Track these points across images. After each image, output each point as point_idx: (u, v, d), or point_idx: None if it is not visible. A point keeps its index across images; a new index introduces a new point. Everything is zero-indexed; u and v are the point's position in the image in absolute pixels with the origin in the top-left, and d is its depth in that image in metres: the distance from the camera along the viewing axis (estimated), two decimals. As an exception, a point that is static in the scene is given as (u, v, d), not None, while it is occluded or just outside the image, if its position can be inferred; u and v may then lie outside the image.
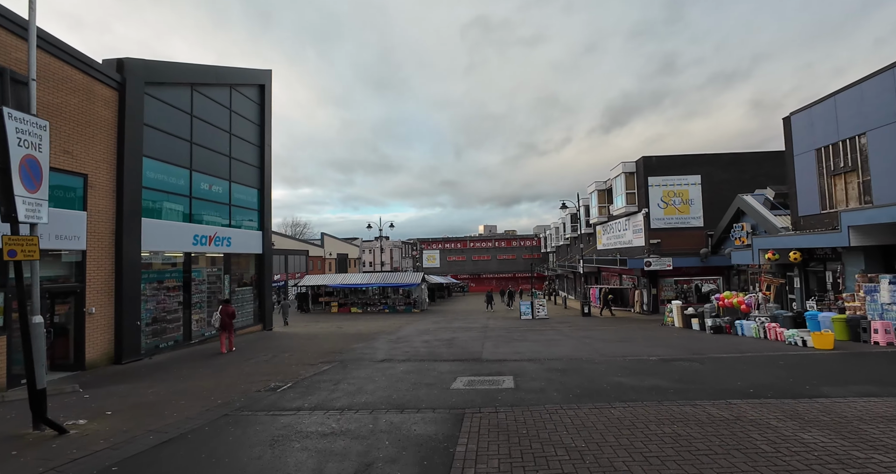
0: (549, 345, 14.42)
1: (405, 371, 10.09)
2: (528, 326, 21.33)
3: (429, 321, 25.55)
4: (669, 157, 27.57)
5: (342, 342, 16.25)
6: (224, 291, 18.21)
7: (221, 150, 18.18)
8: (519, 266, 64.87)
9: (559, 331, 18.64)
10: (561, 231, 49.05)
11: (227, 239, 18.04)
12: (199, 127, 16.95)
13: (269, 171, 21.24)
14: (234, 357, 13.40)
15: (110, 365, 12.89)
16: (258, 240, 20.28)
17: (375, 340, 16.55)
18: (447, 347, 14.11)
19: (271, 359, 12.57)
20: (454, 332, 18.77)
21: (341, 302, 33.47)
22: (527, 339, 15.97)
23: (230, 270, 18.55)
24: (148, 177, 14.53)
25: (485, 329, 20.26)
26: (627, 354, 11.98)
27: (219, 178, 17.93)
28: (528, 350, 13.27)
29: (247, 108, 20.09)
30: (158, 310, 15.24)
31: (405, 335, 18.13)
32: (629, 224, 29.58)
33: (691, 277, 27.43)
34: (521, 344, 14.75)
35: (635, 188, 28.20)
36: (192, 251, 16.32)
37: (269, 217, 21.10)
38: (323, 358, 12.35)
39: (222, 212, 18.13)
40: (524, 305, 26.46)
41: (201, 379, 10.21)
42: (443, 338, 16.85)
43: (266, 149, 21.10)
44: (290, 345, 15.46)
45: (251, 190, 20.11)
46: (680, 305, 19.81)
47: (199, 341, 16.43)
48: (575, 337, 16.57)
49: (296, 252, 54.69)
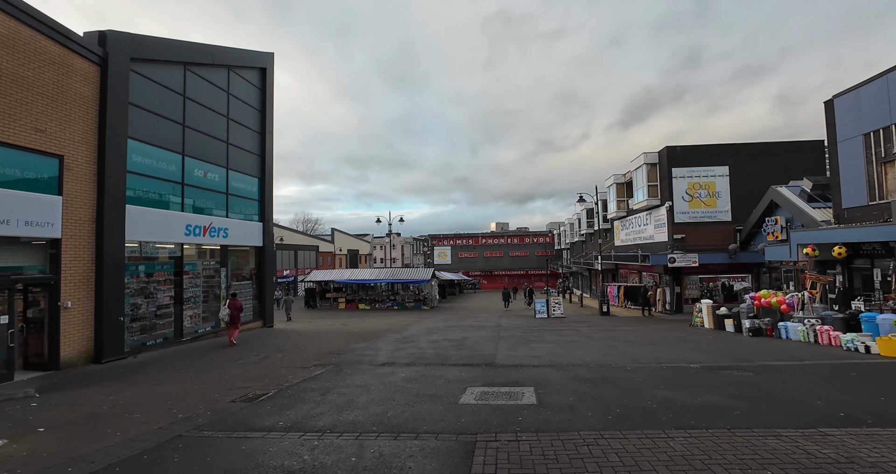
0: (570, 347, 12.86)
1: (407, 378, 8.63)
2: (543, 326, 19.76)
3: (438, 319, 24.10)
4: (695, 147, 25.69)
5: (343, 341, 14.87)
6: (221, 286, 16.96)
7: (218, 136, 16.89)
8: (532, 263, 63.06)
9: (578, 332, 17.04)
10: (576, 227, 47.17)
11: (223, 230, 16.77)
12: (193, 109, 15.66)
13: (270, 160, 19.94)
14: (225, 356, 12.09)
15: (89, 365, 11.65)
16: (258, 232, 18.99)
17: (379, 339, 15.14)
18: (457, 349, 12.63)
19: (262, 361, 11.22)
20: (465, 332, 17.29)
21: (349, 298, 32.17)
22: (544, 341, 14.42)
23: (228, 263, 17.28)
24: (134, 160, 13.26)
25: (498, 328, 18.74)
26: (662, 360, 10.38)
27: (215, 165, 16.65)
28: (547, 353, 11.73)
29: (246, 91, 18.79)
30: (147, 305, 14.01)
31: (412, 334, 16.70)
32: (650, 218, 27.77)
33: (718, 275, 25.56)
34: (538, 346, 13.21)
35: (658, 180, 26.37)
36: (184, 242, 15.06)
37: (270, 208, 19.80)
38: (318, 360, 10.97)
39: (219, 202, 16.85)
40: (539, 303, 24.85)
41: (177, 383, 8.88)
42: (452, 337, 15.38)
43: (267, 137, 19.79)
44: (287, 344, 14.12)
45: (251, 178, 18.82)
46: (711, 305, 18.06)
47: (191, 338, 15.19)
48: (597, 338, 14.97)
49: (305, 247, 53.67)
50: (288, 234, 49.80)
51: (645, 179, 26.64)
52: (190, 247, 15.74)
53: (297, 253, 51.78)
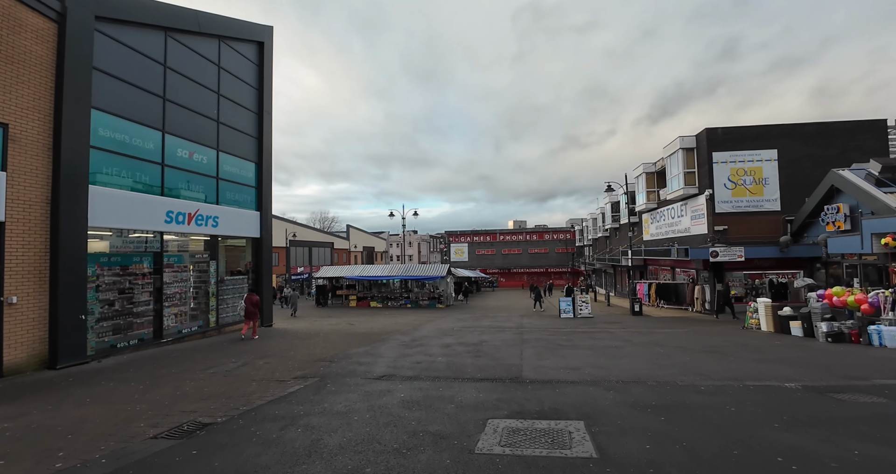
0: (611, 355, 10.42)
1: (406, 400, 6.37)
2: (571, 327, 17.30)
3: (453, 318, 21.81)
4: (739, 129, 22.82)
5: (342, 344, 12.70)
6: (210, 281, 14.99)
7: (206, 113, 14.91)
8: (552, 260, 60.19)
9: (614, 335, 14.55)
10: (599, 222, 44.28)
11: (213, 218, 14.78)
12: (176, 82, 13.69)
13: (269, 143, 17.93)
14: (198, 362, 10.01)
15: (42, 371, 9.70)
16: (254, 222, 16.99)
17: (384, 342, 12.93)
18: (473, 356, 10.32)
19: (236, 369, 9.09)
20: (483, 334, 14.97)
21: (360, 295, 30.11)
22: (577, 346, 12.01)
23: (219, 256, 15.30)
24: (100, 135, 11.31)
25: (520, 330, 16.36)
26: (742, 376, 7.90)
27: (203, 146, 14.66)
28: (585, 363, 9.33)
29: (241, 67, 16.79)
30: (121, 302, 12.09)
31: (422, 336, 14.45)
32: (686, 209, 24.98)
33: (764, 271, 22.69)
34: (572, 353, 10.81)
35: (695, 166, 23.58)
36: (165, 231, 13.09)
37: (268, 196, 17.79)
38: (302, 370, 8.79)
39: (207, 187, 14.87)
40: (564, 302, 22.35)
41: (113, 401, 6.80)
42: (468, 341, 13.08)
43: (265, 118, 17.78)
44: (277, 348, 12.01)
45: (246, 163, 16.82)
46: (771, 304, 15.34)
47: (173, 339, 13.22)
48: (640, 343, 12.49)
49: (320, 244, 51.98)
50: (302, 231, 48.16)
51: (681, 166, 23.88)
52: (174, 237, 13.81)
53: (311, 250, 50.12)
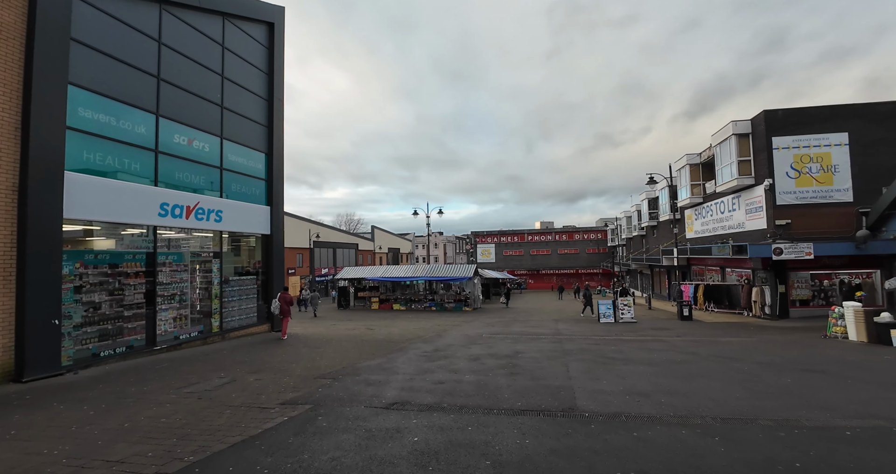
0: (682, 374, 8.20)
1: (418, 452, 4.40)
2: (615, 334, 15.02)
3: (481, 322, 19.78)
4: (802, 110, 20.00)
5: (354, 354, 10.87)
6: (213, 281, 13.46)
7: (209, 97, 13.41)
8: (582, 261, 57.16)
9: (671, 345, 12.24)
10: (634, 220, 41.35)
11: (215, 212, 13.25)
12: (173, 60, 12.21)
13: (280, 132, 16.36)
14: (178, 377, 8.33)
15: (6, 384, 8.25)
16: (264, 218, 15.42)
17: (402, 353, 11.03)
18: (508, 374, 8.28)
19: (216, 389, 7.34)
20: (516, 342, 12.90)
21: (383, 297, 28.39)
22: (632, 359, 9.80)
23: (222, 254, 13.76)
24: (80, 115, 9.84)
25: (558, 337, 14.20)
26: (883, 410, 5.63)
27: (204, 133, 13.16)
28: (653, 386, 7.18)
29: (249, 49, 15.28)
30: (108, 305, 10.62)
31: (447, 344, 12.49)
32: (739, 202, 22.24)
33: (834, 270, 19.79)
34: (630, 370, 8.64)
35: (751, 154, 20.85)
36: (159, 225, 11.58)
37: (280, 189, 16.21)
38: (295, 392, 6.96)
39: (209, 178, 13.36)
40: (603, 305, 20.01)
41: (35, 436, 5.10)
42: (500, 351, 11.04)
43: (276, 105, 16.23)
44: (276, 360, 10.26)
45: (255, 153, 15.28)
46: (862, 309, 12.71)
47: (169, 346, 11.69)
48: (708, 356, 10.18)
49: (344, 245, 50.77)
50: (326, 232, 47.01)
51: (734, 154, 21.17)
52: (172, 233, 12.33)
53: (335, 251, 48.95)
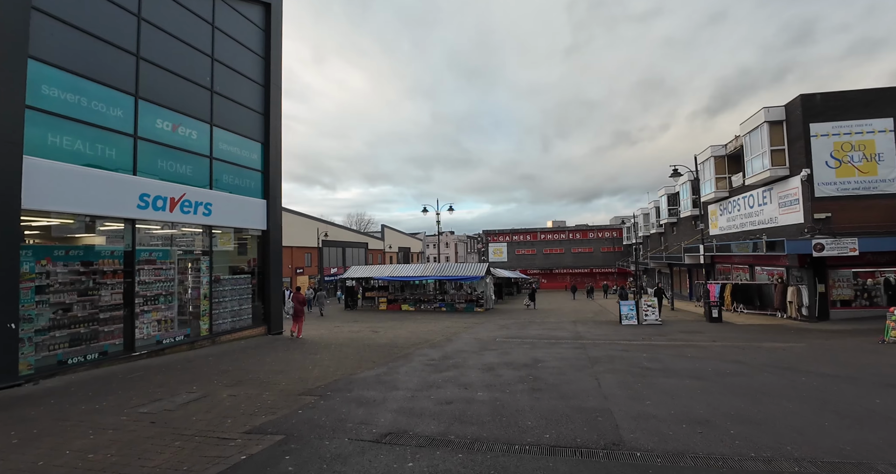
0: (744, 393, 6.70)
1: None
2: (642, 338, 13.50)
3: (494, 325, 18.37)
4: (842, 94, 18.22)
5: (353, 361, 9.55)
6: (202, 280, 12.27)
7: (196, 80, 12.22)
8: (597, 260, 55.27)
9: (712, 352, 10.70)
10: (652, 217, 39.49)
11: (203, 205, 12.05)
12: (154, 37, 11.03)
13: (277, 121, 15.14)
14: (146, 390, 7.08)
15: (-50, 399, 7.09)
16: (260, 212, 14.20)
17: (407, 361, 9.67)
18: (530, 390, 6.88)
19: (179, 408, 6.05)
20: (534, 348, 11.47)
21: (391, 298, 27.10)
22: (673, 370, 8.31)
23: (212, 251, 12.57)
24: (42, 93, 8.67)
25: (579, 341, 12.74)
26: None
27: (191, 118, 11.96)
28: (712, 408, 5.72)
29: (243, 30, 14.07)
30: (79, 307, 9.46)
31: (457, 350, 11.11)
32: (771, 195, 20.50)
33: (879, 268, 18.01)
34: (674, 385, 7.17)
35: (785, 143, 19.12)
36: (138, 218, 10.40)
37: (277, 182, 14.99)
38: (270, 415, 5.64)
39: (197, 168, 12.16)
40: (626, 306, 18.46)
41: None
42: (517, 359, 9.62)
43: (273, 92, 15.01)
44: (264, 368, 8.96)
45: (250, 142, 14.06)
46: (933, 311, 11.04)
47: (150, 352, 10.49)
48: (761, 366, 8.63)
49: (354, 244, 49.67)
50: (334, 230, 45.94)
51: (766, 143, 19.45)
52: (156, 228, 11.16)
53: (344, 250, 47.87)
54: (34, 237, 8.97)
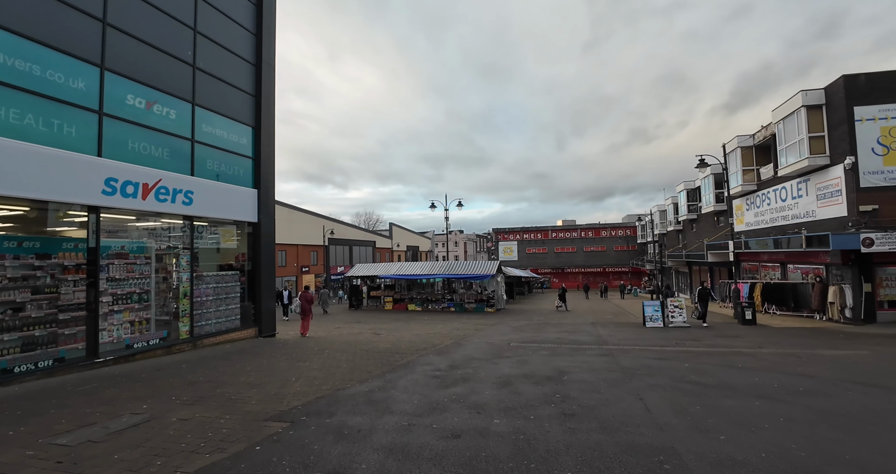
0: (844, 421, 5.07)
1: None
2: (674, 342, 11.87)
3: (507, 326, 16.83)
4: (890, 75, 16.31)
5: (345, 372, 8.09)
6: (181, 277, 10.90)
7: (176, 53, 10.86)
8: (610, 259, 53.36)
9: (762, 359, 9.06)
10: (670, 214, 37.57)
11: (183, 192, 10.69)
12: (125, 2, 9.69)
13: (270, 104, 13.75)
14: (87, 409, 5.68)
15: None
16: (249, 202, 12.82)
17: (408, 371, 8.19)
18: (560, 415, 5.34)
19: (107, 439, 4.62)
20: (555, 355, 9.92)
21: (397, 297, 25.65)
22: (731, 386, 6.71)
23: (193, 244, 11.21)
24: (-19, 57, 7.37)
25: (605, 346, 11.15)
26: None
27: (169, 95, 10.61)
28: (818, 451, 4.11)
29: (231, 2, 12.70)
30: (33, 307, 8.17)
31: (467, 358, 9.61)
32: (808, 187, 18.69)
33: (933, 266, 16.14)
34: (742, 407, 5.58)
35: (825, 129, 17.32)
36: (103, 205, 9.05)
37: (270, 171, 13.61)
38: (216, 455, 4.16)
39: (177, 151, 10.80)
40: (651, 307, 16.80)
41: None
42: (539, 371, 8.09)
43: (266, 71, 13.62)
44: (240, 379, 7.54)
45: (238, 126, 12.69)
46: None
47: (117, 358, 9.15)
48: (841, 383, 6.98)
49: (361, 243, 48.37)
50: (341, 228, 44.67)
51: (803, 129, 17.66)
52: (128, 218, 9.83)
53: (351, 248, 46.59)
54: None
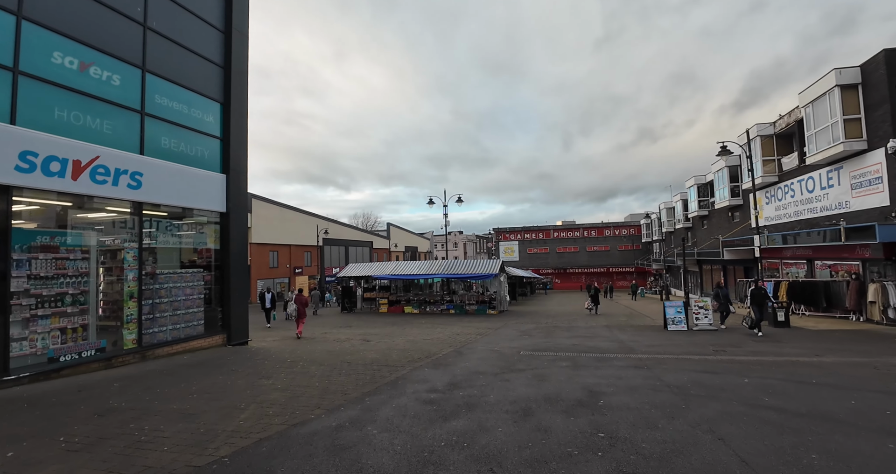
0: None
1: None
2: (712, 349, 10.01)
3: (513, 330, 14.97)
4: (939, 48, 14.63)
5: (313, 395, 6.23)
6: (127, 275, 9.03)
7: (120, 8, 9.00)
8: (614, 259, 51.47)
9: (832, 372, 7.20)
10: (678, 211, 35.71)
11: (129, 174, 8.83)
12: (50, -60, 7.88)
13: (243, 77, 11.90)
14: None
15: None
16: (217, 189, 10.96)
17: (395, 393, 6.34)
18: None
19: None
20: (576, 366, 8.07)
21: (392, 299, 23.76)
22: (840, 421, 4.86)
23: (142, 235, 9.34)
24: None
25: (632, 355, 9.29)
26: None
27: (112, 58, 8.77)
28: None
29: (194, -42, 10.89)
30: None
31: (470, 373, 7.75)
32: (840, 175, 16.89)
33: None
34: (877, 454, 3.79)
35: (861, 111, 15.54)
36: (14, 184, 7.21)
37: (242, 154, 11.74)
38: None
39: (122, 124, 8.94)
40: (673, 308, 14.94)
41: None
42: (563, 392, 6.24)
43: (237, 39, 11.79)
44: (167, 408, 5.67)
45: (203, 100, 10.84)
46: None
47: (35, 375, 7.28)
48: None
49: (357, 243, 46.50)
50: (336, 228, 42.80)
51: (837, 111, 15.87)
52: (45, 198, 7.98)
53: (347, 249, 44.72)
54: None
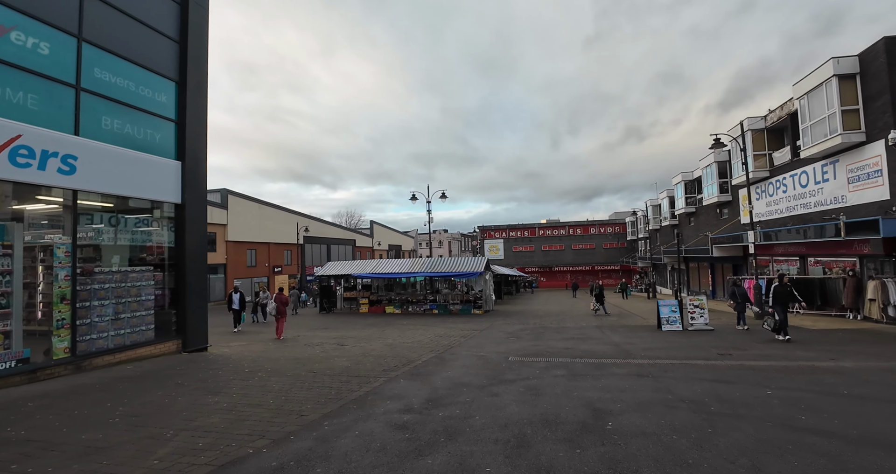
0: None
1: None
2: (716, 353, 9.22)
3: (500, 332, 14.04)
4: (939, 37, 14.14)
5: (260, 420, 5.18)
6: (59, 273, 7.79)
7: (50, -34, 7.79)
8: (599, 257, 51.10)
9: (859, 379, 6.42)
10: (665, 208, 35.33)
11: (60, 157, 7.60)
12: None
13: (202, 52, 10.66)
14: None
15: None
16: (171, 178, 9.74)
17: (362, 413, 5.32)
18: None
19: None
20: (574, 376, 7.14)
21: (374, 298, 22.67)
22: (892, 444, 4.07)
23: (76, 229, 8.12)
24: None
25: (631, 359, 8.41)
26: None
27: (40, 22, 7.52)
28: None
29: (143, -83, 9.65)
30: None
31: (452, 385, 6.76)
32: (836, 169, 16.38)
33: None
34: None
35: (859, 101, 15.00)
36: None
37: (201, 139, 10.52)
38: None
39: (50, 99, 7.69)
40: (667, 307, 14.18)
41: None
42: (562, 412, 5.30)
43: (195, 10, 10.56)
44: (69, 441, 4.54)
45: (155, 78, 9.61)
46: None
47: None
48: None
49: (340, 241, 45.14)
50: (317, 226, 41.39)
51: (834, 102, 15.30)
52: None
53: (329, 247, 43.35)
54: None
